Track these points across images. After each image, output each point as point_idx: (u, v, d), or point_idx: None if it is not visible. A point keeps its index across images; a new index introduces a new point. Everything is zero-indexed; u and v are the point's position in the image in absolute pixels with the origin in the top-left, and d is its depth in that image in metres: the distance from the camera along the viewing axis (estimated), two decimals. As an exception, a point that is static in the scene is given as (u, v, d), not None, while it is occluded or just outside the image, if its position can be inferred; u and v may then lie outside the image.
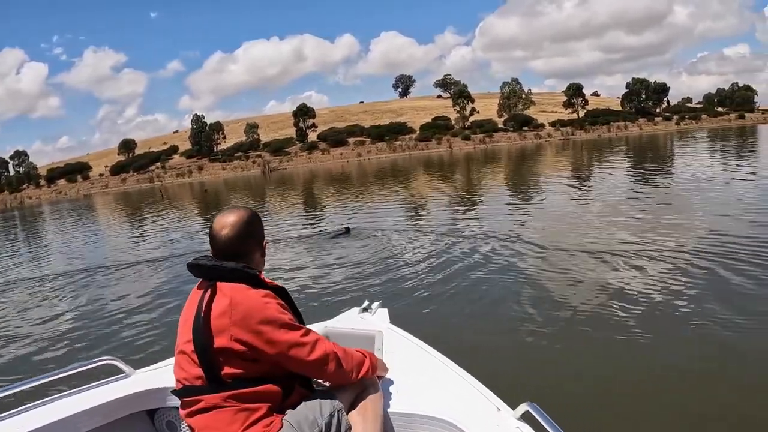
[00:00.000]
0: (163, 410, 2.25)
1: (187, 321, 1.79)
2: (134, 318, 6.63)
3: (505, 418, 1.81)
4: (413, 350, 2.38)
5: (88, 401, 2.13)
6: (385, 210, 15.08)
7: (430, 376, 2.14)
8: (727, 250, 6.75)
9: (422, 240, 9.57)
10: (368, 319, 2.72)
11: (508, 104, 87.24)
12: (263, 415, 1.70)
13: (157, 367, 2.40)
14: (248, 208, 1.92)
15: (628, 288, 5.70)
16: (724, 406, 3.34)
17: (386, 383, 2.08)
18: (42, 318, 7.16)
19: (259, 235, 1.91)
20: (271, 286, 1.84)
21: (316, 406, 1.78)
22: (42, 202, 63.57)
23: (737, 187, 13.06)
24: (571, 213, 11.32)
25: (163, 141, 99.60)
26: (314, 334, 1.82)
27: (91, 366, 2.30)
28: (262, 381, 1.73)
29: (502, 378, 3.13)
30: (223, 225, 1.83)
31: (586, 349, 4.38)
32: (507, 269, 7.02)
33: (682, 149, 32.91)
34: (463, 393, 1.99)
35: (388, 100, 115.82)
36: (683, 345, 4.26)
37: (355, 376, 1.88)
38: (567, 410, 2.99)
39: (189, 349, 1.75)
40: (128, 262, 10.84)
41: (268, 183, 42.91)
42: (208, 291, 1.77)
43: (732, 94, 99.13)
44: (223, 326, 1.70)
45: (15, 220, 34.69)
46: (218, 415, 1.69)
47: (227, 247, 1.81)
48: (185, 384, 1.77)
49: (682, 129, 74.96)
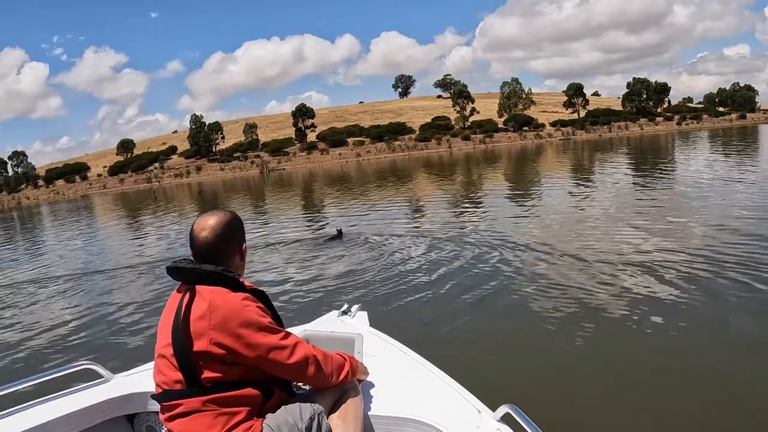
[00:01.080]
0: (143, 415, 2.23)
1: (166, 325, 1.76)
2: (113, 322, 6.53)
3: (485, 420, 1.80)
4: (393, 353, 2.36)
5: (67, 406, 2.09)
6: (380, 212, 15.00)
7: (410, 378, 2.13)
8: (715, 253, 6.65)
9: (409, 243, 9.54)
10: (348, 322, 2.71)
11: (508, 104, 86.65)
12: (243, 419, 1.68)
13: (136, 372, 2.38)
14: (229, 211, 1.90)
15: (610, 290, 5.64)
16: (704, 409, 3.35)
17: (366, 386, 2.07)
18: (18, 323, 7.02)
19: (239, 238, 1.88)
20: (251, 290, 1.81)
21: (296, 410, 1.77)
22: (40, 203, 63.44)
23: (743, 189, 12.66)
24: (561, 215, 11.16)
25: (162, 141, 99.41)
26: (294, 337, 1.80)
27: (69, 371, 2.27)
28: (241, 385, 1.71)
29: (482, 380, 3.08)
30: (203, 227, 1.80)
31: (566, 351, 4.35)
32: (489, 272, 6.93)
33: (687, 149, 32.49)
34: (443, 395, 1.97)
35: (388, 100, 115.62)
36: (663, 347, 4.22)
37: (335, 380, 1.87)
38: (547, 412, 2.99)
39: (168, 353, 1.73)
40: (108, 266, 10.65)
41: (266, 184, 42.75)
42: (187, 294, 1.75)
43: (733, 94, 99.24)
44: (202, 330, 1.67)
45: (3, 222, 34.32)
46: (198, 419, 1.66)
47: (207, 250, 1.79)
48: (165, 388, 1.74)
49: (684, 129, 74.93)
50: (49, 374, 2.23)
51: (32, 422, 1.98)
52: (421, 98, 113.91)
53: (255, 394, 1.73)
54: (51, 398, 2.16)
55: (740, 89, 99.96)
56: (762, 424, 3.12)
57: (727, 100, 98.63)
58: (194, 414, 1.67)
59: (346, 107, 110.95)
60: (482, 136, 79.77)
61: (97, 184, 79.31)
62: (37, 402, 2.12)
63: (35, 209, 48.78)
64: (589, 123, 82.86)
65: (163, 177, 75.78)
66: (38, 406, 2.10)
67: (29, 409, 2.08)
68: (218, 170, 76.14)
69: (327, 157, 76.86)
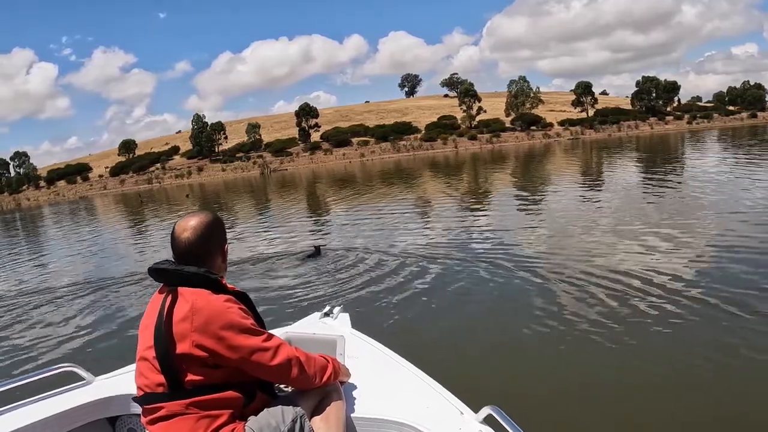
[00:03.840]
0: (125, 418, 2.20)
1: (147, 327, 1.74)
2: (94, 324, 6.44)
3: (468, 421, 1.81)
4: (375, 355, 2.34)
5: (47, 409, 2.07)
6: (379, 212, 14.65)
7: (393, 380, 2.12)
8: (711, 257, 6.55)
9: (395, 243, 9.47)
10: (330, 324, 2.68)
11: (515, 103, 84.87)
12: (225, 422, 1.67)
13: (118, 374, 2.33)
14: (210, 212, 1.89)
15: (596, 295, 5.54)
16: (690, 413, 3.33)
17: (349, 388, 2.05)
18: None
19: (220, 239, 1.87)
20: (233, 292, 1.80)
21: (278, 413, 1.75)
22: (40, 204, 62.83)
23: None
24: (560, 221, 10.67)
25: (165, 141, 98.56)
26: (277, 339, 1.79)
27: (50, 373, 2.23)
28: (223, 387, 1.70)
29: (464, 382, 3.09)
30: (185, 228, 1.78)
31: (549, 353, 4.33)
32: (473, 276, 6.84)
33: (702, 150, 31.07)
34: (425, 397, 1.97)
35: (394, 99, 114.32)
36: (651, 351, 4.17)
37: (318, 381, 1.86)
38: (530, 414, 2.95)
39: (150, 356, 1.70)
40: (88, 271, 10.57)
41: (268, 184, 42.13)
42: (169, 296, 1.73)
43: (743, 93, 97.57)
44: (184, 332, 1.66)
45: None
46: (180, 422, 1.65)
47: (188, 251, 1.77)
48: (146, 391, 1.73)
49: (694, 128, 73.55)
50: (29, 377, 2.20)
51: (12, 425, 1.94)
52: (427, 97, 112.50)
53: (237, 397, 1.70)
54: (31, 401, 2.12)
55: (750, 88, 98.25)
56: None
57: (737, 99, 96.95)
58: (176, 417, 1.65)
59: (351, 107, 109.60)
60: (489, 135, 78.28)
61: (98, 185, 78.44)
62: (17, 405, 2.08)
63: (29, 211, 48.05)
64: (598, 122, 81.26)
65: (164, 178, 74.76)
66: (18, 410, 2.06)
67: (9, 413, 2.03)
68: (220, 171, 74.99)
69: (330, 158, 75.60)
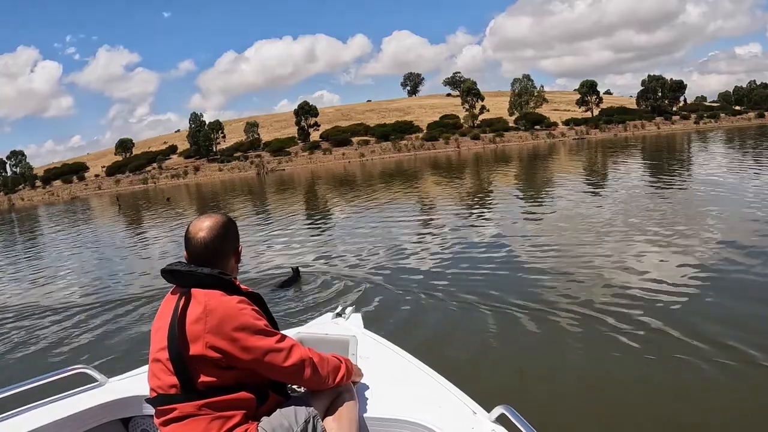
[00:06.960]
0: (138, 419, 2.20)
1: (161, 329, 1.73)
2: (106, 326, 6.38)
3: (480, 421, 1.81)
4: (388, 355, 2.34)
5: (61, 411, 2.07)
6: (377, 214, 14.55)
7: (405, 380, 2.12)
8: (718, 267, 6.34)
9: (402, 243, 9.45)
10: (342, 324, 2.70)
11: (519, 102, 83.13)
12: (238, 423, 1.67)
13: (131, 375, 2.34)
14: (224, 214, 1.90)
15: (609, 296, 5.49)
16: (699, 414, 3.29)
17: (361, 388, 2.05)
18: (9, 328, 6.79)
19: (234, 240, 1.88)
20: (246, 292, 1.81)
21: (291, 413, 1.75)
22: (35, 204, 61.58)
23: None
24: (566, 222, 10.42)
25: (164, 141, 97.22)
26: (290, 340, 1.79)
27: (63, 375, 2.24)
28: (236, 388, 1.70)
29: (477, 381, 3.05)
30: (199, 228, 1.80)
31: (561, 354, 4.26)
32: (484, 276, 6.80)
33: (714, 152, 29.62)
34: (438, 397, 1.97)
35: (396, 98, 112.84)
36: (661, 352, 4.07)
37: (331, 382, 1.86)
38: (542, 413, 2.93)
39: (164, 357, 1.69)
40: (95, 273, 10.55)
41: (264, 185, 40.83)
42: (182, 298, 1.72)
43: (749, 93, 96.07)
44: (197, 333, 1.66)
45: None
46: (193, 423, 1.66)
47: (202, 252, 1.78)
48: (159, 392, 1.73)
49: (702, 128, 72.01)
50: (42, 378, 2.20)
51: (25, 427, 1.95)
52: (429, 96, 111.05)
53: (250, 398, 1.70)
54: (44, 403, 2.12)
55: (756, 87, 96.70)
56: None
57: (743, 99, 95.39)
58: (189, 418, 1.65)
59: (353, 106, 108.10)
60: (492, 135, 76.57)
61: (93, 185, 76.94)
62: (31, 407, 2.09)
63: (20, 213, 46.59)
64: (603, 122, 79.63)
65: (160, 178, 73.25)
66: (31, 411, 2.06)
67: (22, 415, 2.04)
68: (216, 171, 73.48)
69: (329, 157, 74.02)
